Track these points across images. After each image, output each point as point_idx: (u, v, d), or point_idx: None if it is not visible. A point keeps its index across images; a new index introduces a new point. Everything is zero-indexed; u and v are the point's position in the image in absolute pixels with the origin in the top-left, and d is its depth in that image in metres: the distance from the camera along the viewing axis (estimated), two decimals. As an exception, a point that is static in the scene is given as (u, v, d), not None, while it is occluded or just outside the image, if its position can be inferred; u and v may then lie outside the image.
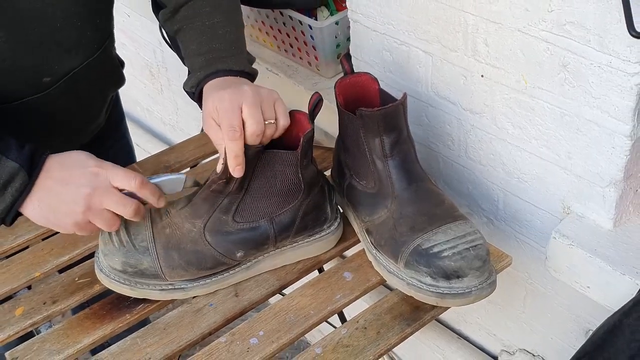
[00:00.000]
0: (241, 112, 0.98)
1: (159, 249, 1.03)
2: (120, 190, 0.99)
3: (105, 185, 0.98)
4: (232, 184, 1.01)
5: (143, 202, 1.01)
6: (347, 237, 1.14)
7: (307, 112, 1.03)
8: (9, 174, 0.96)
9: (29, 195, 0.98)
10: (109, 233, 1.04)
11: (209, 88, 1.07)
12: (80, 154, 1.01)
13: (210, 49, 1.11)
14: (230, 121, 0.97)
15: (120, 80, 1.36)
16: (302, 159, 1.02)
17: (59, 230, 1.02)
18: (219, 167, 1.00)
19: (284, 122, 1.01)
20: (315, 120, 1.04)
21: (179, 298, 1.06)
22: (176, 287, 1.05)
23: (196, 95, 1.11)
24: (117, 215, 1.00)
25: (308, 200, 1.07)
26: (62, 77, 1.15)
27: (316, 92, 1.03)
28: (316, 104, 1.02)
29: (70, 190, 0.98)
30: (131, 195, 0.99)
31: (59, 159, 1.00)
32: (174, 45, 1.23)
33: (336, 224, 1.11)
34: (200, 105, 1.10)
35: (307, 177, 1.05)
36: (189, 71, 1.14)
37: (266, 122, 0.99)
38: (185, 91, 1.14)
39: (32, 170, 0.97)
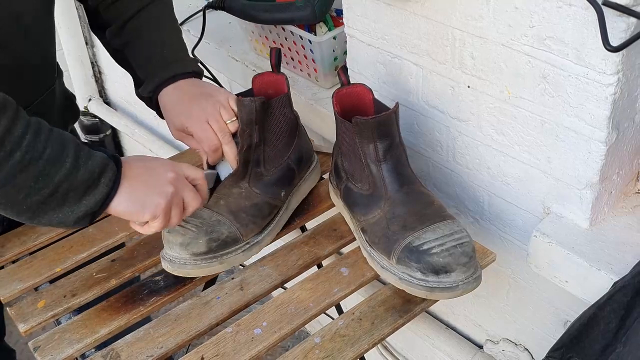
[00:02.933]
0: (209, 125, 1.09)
1: (228, 215, 1.07)
2: None
3: (182, 174, 0.96)
4: (254, 134, 1.08)
5: None
6: (344, 235, 1.14)
7: (272, 68, 1.13)
8: (101, 165, 0.88)
9: (119, 186, 0.90)
10: (181, 226, 1.04)
11: (169, 97, 1.12)
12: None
13: (162, 56, 1.14)
14: (210, 138, 1.09)
15: (76, 114, 1.33)
16: (290, 97, 1.13)
17: (141, 218, 0.92)
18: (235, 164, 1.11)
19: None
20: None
21: (256, 254, 1.10)
22: (252, 243, 1.09)
23: (154, 100, 1.13)
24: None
25: (301, 134, 1.18)
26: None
27: (272, 48, 1.12)
28: (278, 57, 1.12)
29: (157, 175, 0.93)
30: None
31: (131, 156, 0.97)
32: (119, 59, 1.20)
33: (316, 156, 1.24)
34: (157, 110, 1.16)
35: (296, 113, 1.16)
36: (138, 79, 1.15)
37: (228, 122, 1.09)
38: (141, 97, 1.15)
39: (117, 161, 0.91)
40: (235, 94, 1.11)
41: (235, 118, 1.10)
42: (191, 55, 1.23)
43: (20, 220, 0.88)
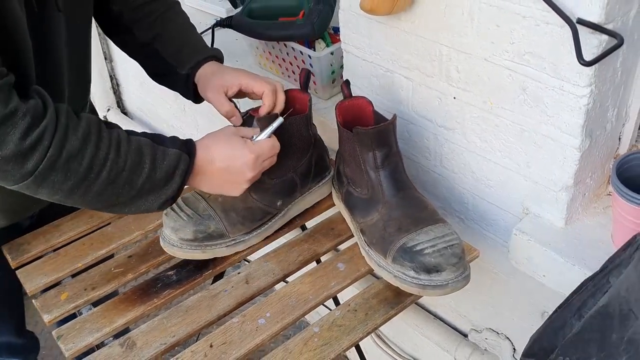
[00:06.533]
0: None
1: (219, 212, 1.07)
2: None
3: (261, 162, 1.00)
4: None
5: None
6: (340, 233, 1.14)
7: (300, 86, 1.11)
8: (175, 162, 0.93)
9: (192, 172, 0.96)
10: (176, 212, 1.06)
11: (208, 69, 1.13)
12: (226, 137, 1.01)
13: (193, 44, 1.17)
14: (270, 80, 1.10)
15: None
16: (310, 117, 1.11)
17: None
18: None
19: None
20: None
21: (241, 250, 1.09)
22: (237, 240, 1.09)
23: (191, 76, 1.14)
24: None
25: (316, 150, 1.14)
26: None
27: (303, 68, 1.11)
28: (307, 78, 1.11)
29: (236, 179, 0.99)
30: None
31: (217, 139, 1.00)
32: (146, 52, 1.19)
33: (331, 171, 1.18)
34: (189, 90, 1.15)
35: (313, 131, 1.14)
36: (168, 66, 1.15)
37: None
38: (178, 75, 1.15)
39: (189, 152, 0.96)
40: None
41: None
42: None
43: (113, 213, 0.99)
